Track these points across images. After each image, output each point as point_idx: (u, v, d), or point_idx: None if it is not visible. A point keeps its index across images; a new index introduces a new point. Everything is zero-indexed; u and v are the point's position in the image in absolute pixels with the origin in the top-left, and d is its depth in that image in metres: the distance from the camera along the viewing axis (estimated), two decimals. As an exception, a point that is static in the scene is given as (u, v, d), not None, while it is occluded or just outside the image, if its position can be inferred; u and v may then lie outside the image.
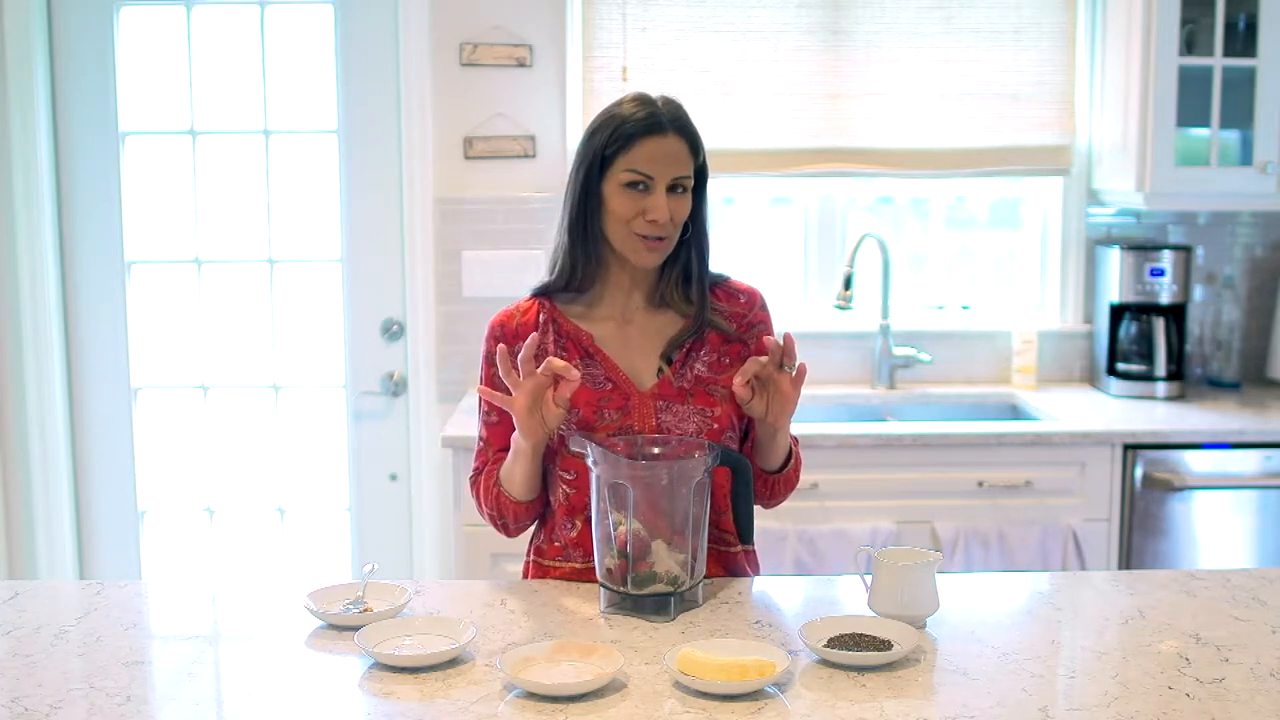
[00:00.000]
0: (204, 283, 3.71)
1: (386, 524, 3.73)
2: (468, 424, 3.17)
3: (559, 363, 1.81)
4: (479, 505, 2.02)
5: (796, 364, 1.88)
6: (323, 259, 3.70)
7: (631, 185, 1.88)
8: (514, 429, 1.89)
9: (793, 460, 2.01)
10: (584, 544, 1.93)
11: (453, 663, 1.63)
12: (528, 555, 2.06)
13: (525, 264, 3.57)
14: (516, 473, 1.91)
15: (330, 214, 3.66)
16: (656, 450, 1.87)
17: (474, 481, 2.02)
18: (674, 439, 1.89)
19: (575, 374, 1.82)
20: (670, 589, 1.80)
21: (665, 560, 1.80)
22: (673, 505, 1.80)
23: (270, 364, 3.74)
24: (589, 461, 1.82)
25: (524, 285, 2.05)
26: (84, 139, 3.62)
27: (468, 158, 3.60)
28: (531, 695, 1.52)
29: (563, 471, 1.95)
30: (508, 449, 1.94)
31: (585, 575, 1.93)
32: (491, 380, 1.95)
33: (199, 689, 1.58)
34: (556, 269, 1.97)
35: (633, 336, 1.98)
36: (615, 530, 1.80)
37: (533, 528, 2.05)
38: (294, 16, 3.63)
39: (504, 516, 1.97)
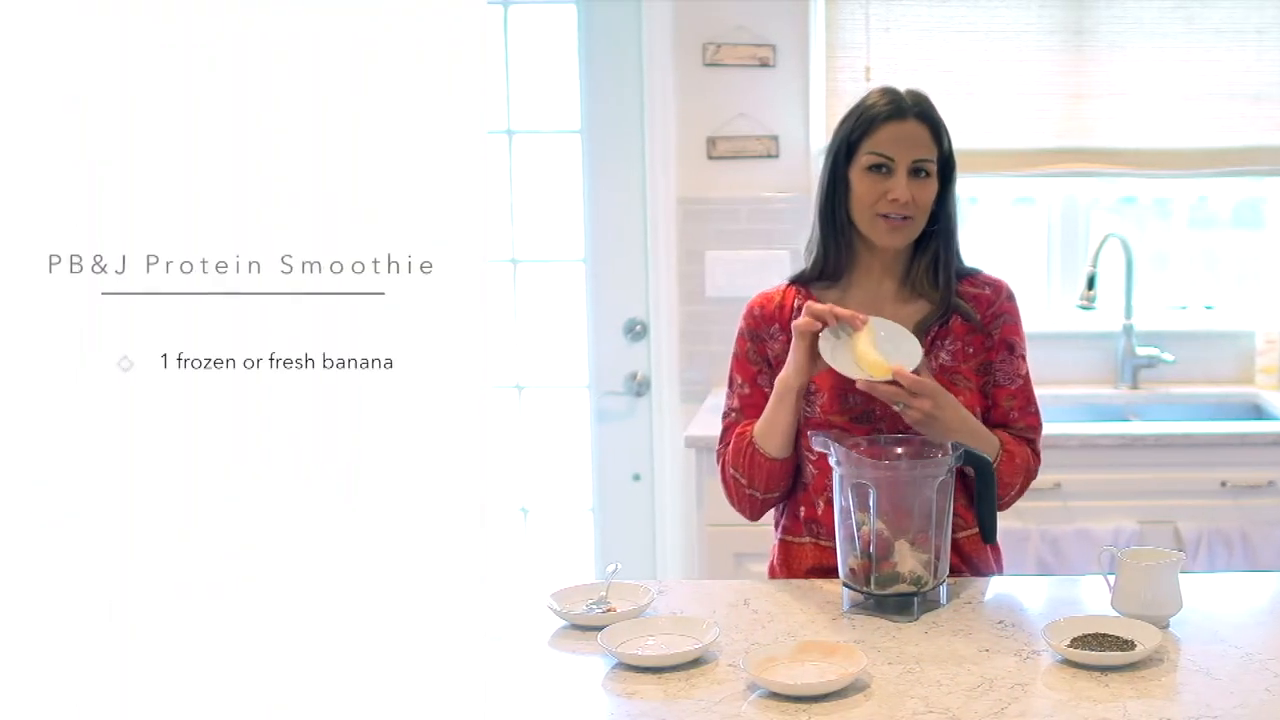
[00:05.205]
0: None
1: (629, 524, 3.72)
2: (711, 424, 3.12)
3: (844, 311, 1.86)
4: (726, 473, 2.01)
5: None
6: (566, 259, 3.70)
7: (874, 168, 1.93)
8: (766, 399, 1.94)
9: (999, 457, 1.96)
10: (826, 522, 1.95)
11: (696, 662, 1.63)
12: (775, 537, 2.09)
13: (768, 264, 3.55)
14: (779, 421, 1.92)
15: (574, 214, 3.66)
16: (899, 450, 1.87)
17: (721, 453, 2.02)
18: (917, 438, 1.89)
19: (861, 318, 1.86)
20: (913, 589, 1.80)
21: (908, 560, 1.80)
22: (916, 505, 1.80)
23: (514, 364, 3.73)
24: (832, 461, 1.83)
25: (767, 285, 2.11)
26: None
27: (710, 158, 3.60)
28: (774, 695, 1.53)
29: (807, 451, 1.97)
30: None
31: (828, 556, 1.95)
32: (746, 356, 2.03)
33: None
34: (812, 258, 2.02)
35: None
36: (859, 530, 1.81)
37: (775, 511, 2.07)
38: (537, 16, 3.64)
39: (754, 483, 1.97)
